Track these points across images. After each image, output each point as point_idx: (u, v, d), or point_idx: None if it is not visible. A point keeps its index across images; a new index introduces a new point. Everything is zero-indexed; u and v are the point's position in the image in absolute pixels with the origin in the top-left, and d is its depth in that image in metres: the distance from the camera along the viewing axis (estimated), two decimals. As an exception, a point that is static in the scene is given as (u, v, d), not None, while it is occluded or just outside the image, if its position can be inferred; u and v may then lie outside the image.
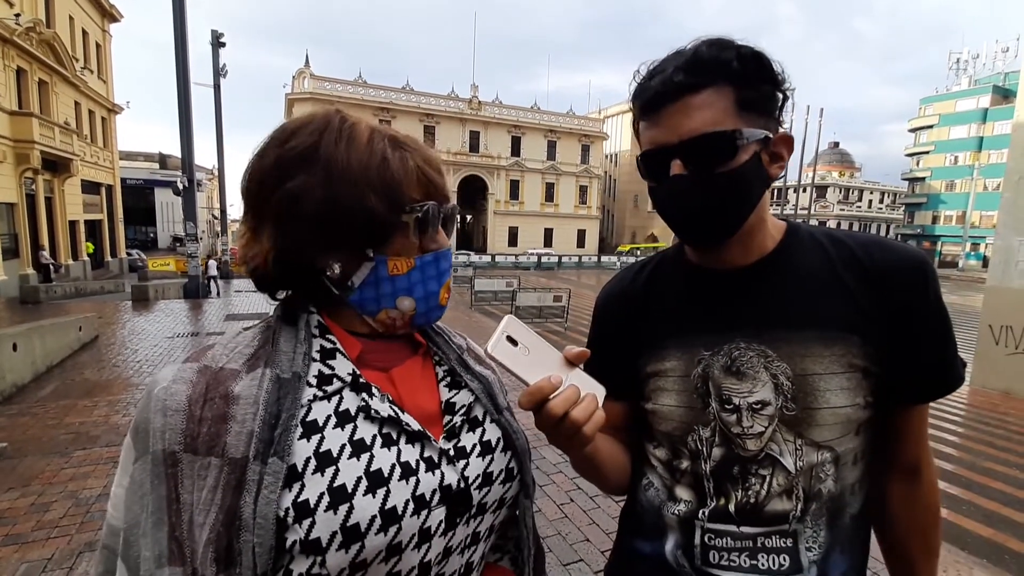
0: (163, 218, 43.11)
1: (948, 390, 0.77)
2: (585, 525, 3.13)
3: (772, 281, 0.77)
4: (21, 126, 16.26)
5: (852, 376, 0.72)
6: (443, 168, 0.70)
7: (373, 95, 38.66)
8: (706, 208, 0.73)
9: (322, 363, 0.62)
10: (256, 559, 0.52)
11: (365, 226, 0.62)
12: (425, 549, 0.60)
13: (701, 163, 0.70)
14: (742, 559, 0.74)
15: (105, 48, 25.66)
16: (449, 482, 0.63)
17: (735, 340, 0.76)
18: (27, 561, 2.66)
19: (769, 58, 0.70)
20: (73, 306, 12.73)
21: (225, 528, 0.53)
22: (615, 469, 0.86)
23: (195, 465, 0.54)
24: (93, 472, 3.70)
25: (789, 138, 0.74)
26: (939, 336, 0.75)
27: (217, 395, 0.57)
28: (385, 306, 0.66)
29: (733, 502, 0.75)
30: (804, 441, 0.73)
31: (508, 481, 0.71)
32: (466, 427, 0.70)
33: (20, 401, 5.49)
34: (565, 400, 0.60)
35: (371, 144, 0.63)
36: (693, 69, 0.69)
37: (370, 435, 0.61)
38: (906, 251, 0.76)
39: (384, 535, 0.56)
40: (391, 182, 0.62)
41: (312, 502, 0.54)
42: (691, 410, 0.78)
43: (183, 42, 13.51)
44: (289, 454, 0.55)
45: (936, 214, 56.89)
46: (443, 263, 0.69)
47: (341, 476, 0.57)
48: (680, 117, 0.69)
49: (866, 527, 0.81)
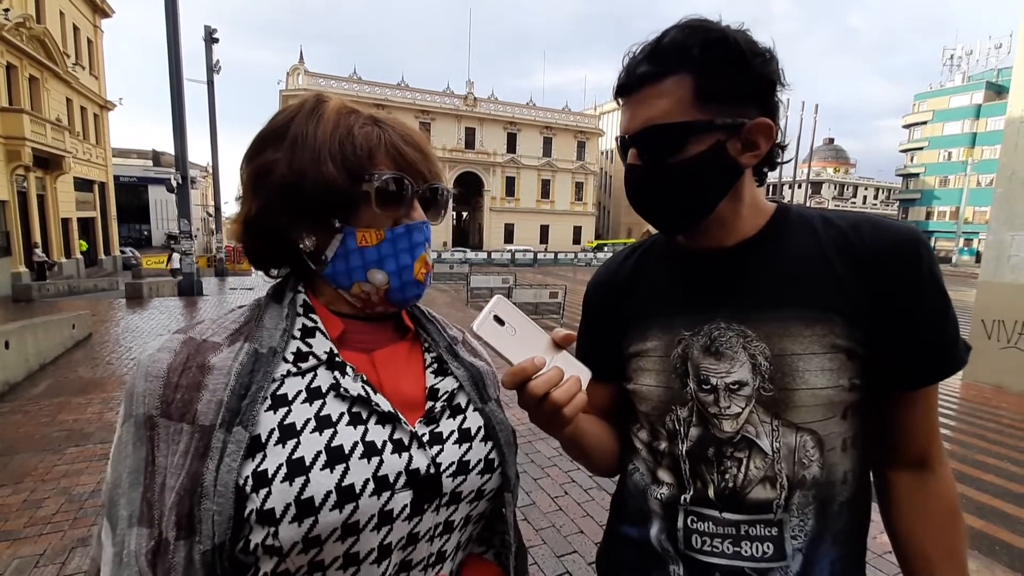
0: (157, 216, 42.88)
1: (944, 373, 0.73)
2: (579, 517, 3.14)
3: (755, 262, 0.76)
4: (12, 123, 16.11)
5: (835, 357, 0.70)
6: (430, 152, 0.70)
7: (368, 91, 38.48)
8: (659, 197, 0.75)
9: (301, 340, 0.64)
10: (215, 527, 0.53)
11: (325, 195, 0.62)
12: (386, 532, 0.60)
13: (651, 154, 0.72)
14: (725, 545, 0.74)
15: (97, 44, 25.45)
16: (417, 466, 0.62)
17: (715, 320, 0.76)
18: (19, 557, 2.65)
19: (742, 43, 0.68)
20: (66, 304, 12.64)
21: (187, 494, 0.54)
22: (602, 451, 0.87)
23: (169, 430, 0.57)
24: (86, 469, 3.69)
25: (766, 125, 0.71)
26: (934, 316, 0.71)
27: (195, 364, 0.59)
28: (356, 279, 0.66)
29: (712, 487, 0.74)
30: (781, 422, 0.71)
31: (487, 472, 0.69)
32: (447, 413, 0.69)
33: (13, 399, 5.46)
34: (546, 381, 0.61)
35: (339, 118, 0.64)
36: (654, 58, 0.70)
37: (337, 412, 0.61)
38: (897, 229, 0.73)
39: (339, 512, 0.56)
40: (352, 153, 0.63)
41: (270, 472, 0.55)
42: (669, 390, 0.78)
43: (176, 38, 13.40)
44: (254, 424, 0.57)
45: (930, 210, 57.24)
46: (416, 235, 0.67)
47: (301, 449, 0.57)
48: (637, 107, 0.72)
49: (861, 518, 0.78)
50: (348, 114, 0.65)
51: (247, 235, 0.68)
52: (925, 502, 0.76)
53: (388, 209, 0.65)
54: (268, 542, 0.54)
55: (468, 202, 46.63)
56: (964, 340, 0.74)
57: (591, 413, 0.86)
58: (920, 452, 0.76)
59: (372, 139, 0.64)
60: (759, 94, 0.71)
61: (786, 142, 0.78)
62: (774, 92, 0.72)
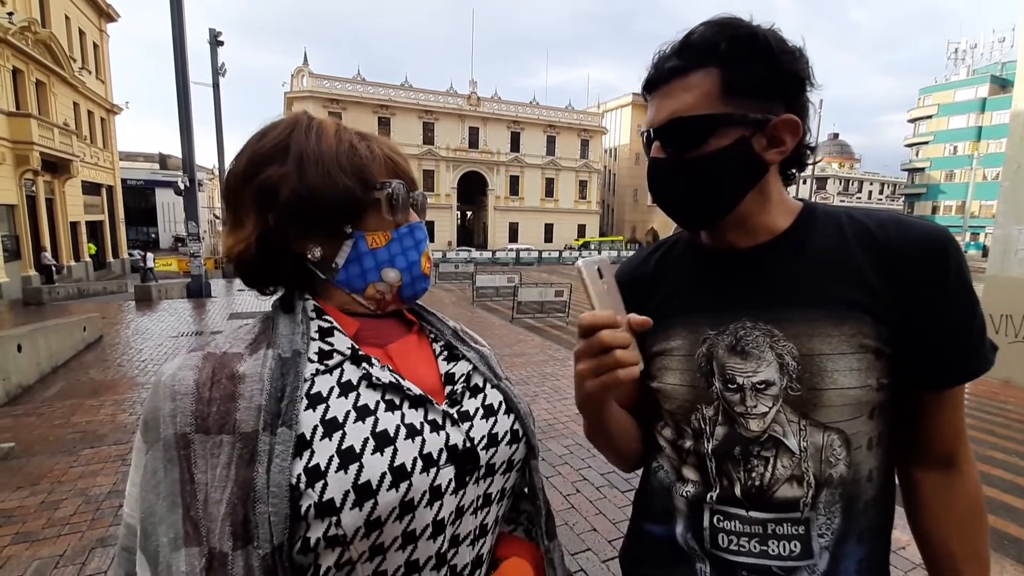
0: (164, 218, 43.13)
1: (971, 374, 0.72)
2: (592, 515, 3.14)
3: (781, 261, 0.76)
4: (19, 127, 16.26)
5: (863, 357, 0.70)
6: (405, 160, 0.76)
7: (372, 92, 38.52)
8: (682, 191, 0.76)
9: (321, 341, 0.66)
10: (272, 529, 0.53)
11: (341, 206, 0.67)
12: (438, 507, 0.63)
13: (675, 146, 0.73)
14: (752, 544, 0.73)
15: (103, 48, 25.60)
16: (455, 442, 0.66)
17: (741, 319, 0.75)
18: (39, 558, 2.68)
19: (770, 39, 0.68)
20: (76, 307, 12.75)
21: (240, 501, 0.55)
22: (626, 440, 0.88)
23: (207, 444, 0.57)
24: (102, 470, 3.72)
25: (793, 122, 0.71)
26: (960, 318, 0.71)
27: (224, 376, 0.60)
28: (372, 280, 0.71)
29: (738, 485, 0.74)
30: (809, 422, 0.71)
31: (514, 442, 0.73)
32: (467, 394, 0.73)
33: (26, 402, 5.52)
34: (621, 338, 0.65)
35: (338, 135, 0.70)
36: (683, 52, 0.71)
37: (373, 401, 0.64)
38: (925, 228, 0.72)
39: (396, 491, 0.59)
40: (360, 165, 0.68)
41: (323, 465, 0.57)
42: (694, 389, 0.78)
43: (181, 41, 13.47)
44: (297, 423, 0.58)
45: (936, 204, 56.81)
46: (418, 233, 0.75)
47: (348, 438, 0.59)
48: (664, 100, 0.73)
49: (886, 517, 0.78)
50: (343, 130, 0.71)
51: (258, 252, 0.67)
52: (951, 501, 0.76)
53: (395, 213, 0.71)
54: (331, 532, 0.56)
55: (472, 202, 46.61)
56: (991, 340, 0.74)
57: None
58: (947, 451, 0.76)
59: (370, 152, 0.70)
60: (786, 91, 0.71)
61: (815, 143, 0.78)
62: (802, 90, 0.72)
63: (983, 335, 0.73)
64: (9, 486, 3.46)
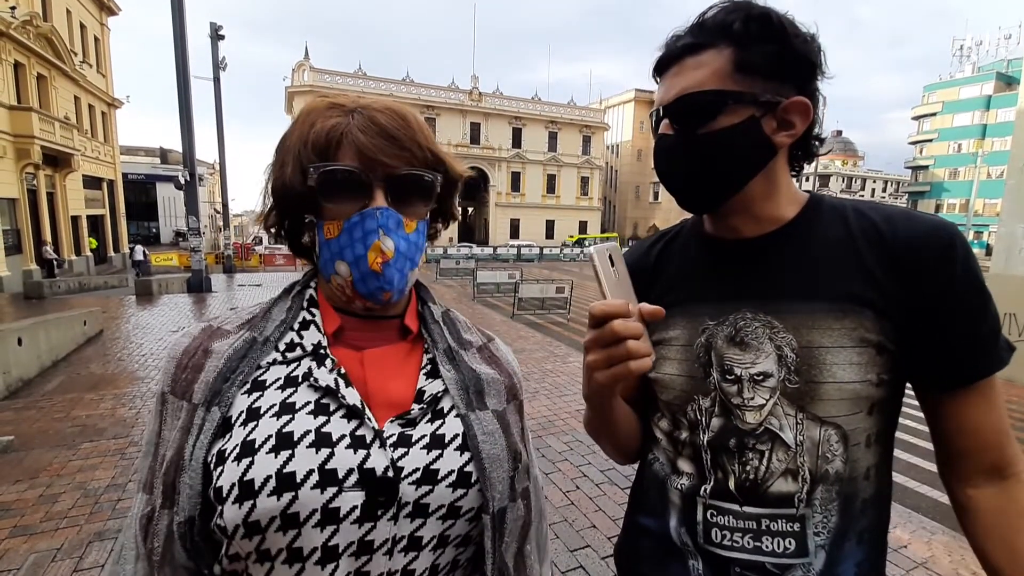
0: (165, 213, 43.12)
1: (982, 373, 0.69)
2: (591, 512, 3.14)
3: (784, 252, 0.75)
4: (21, 121, 16.22)
5: (864, 351, 0.68)
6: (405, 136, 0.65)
7: (373, 87, 38.44)
8: (688, 169, 0.74)
9: (296, 332, 0.67)
10: (188, 500, 0.57)
11: (290, 195, 0.66)
12: (331, 532, 0.57)
13: (684, 123, 0.72)
14: (745, 540, 0.72)
15: (104, 42, 25.55)
16: (373, 466, 0.59)
17: (741, 310, 0.75)
18: (36, 552, 2.68)
19: (783, 21, 0.68)
20: (77, 301, 12.76)
21: (172, 466, 0.59)
22: (627, 432, 0.86)
23: (174, 406, 0.62)
24: (101, 464, 3.72)
25: (803, 104, 0.70)
26: (970, 312, 0.68)
27: (201, 349, 0.64)
28: (330, 271, 0.68)
29: (733, 478, 0.73)
30: (806, 415, 0.70)
31: (461, 487, 0.62)
32: (427, 417, 0.66)
33: (26, 395, 5.52)
34: (633, 328, 0.63)
35: (308, 118, 0.66)
36: (696, 31, 0.71)
37: (303, 401, 0.61)
38: (932, 222, 0.70)
39: (277, 499, 0.55)
40: (306, 151, 0.64)
41: (227, 452, 0.57)
42: (692, 379, 0.77)
43: (182, 35, 13.43)
44: (229, 406, 0.60)
45: (939, 202, 56.68)
46: (368, 223, 0.63)
47: (256, 431, 0.58)
48: (675, 78, 0.72)
49: (884, 518, 0.75)
50: (320, 110, 0.66)
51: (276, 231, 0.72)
52: (1013, 515, 0.69)
53: (336, 201, 0.64)
54: (218, 521, 0.56)
55: (474, 197, 46.57)
56: (1006, 339, 0.71)
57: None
58: (994, 458, 0.70)
59: (327, 132, 0.63)
60: (798, 74, 0.70)
61: (824, 134, 0.77)
62: (814, 75, 0.71)
63: (995, 332, 0.70)
64: (8, 479, 3.47)
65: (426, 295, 0.78)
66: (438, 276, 18.99)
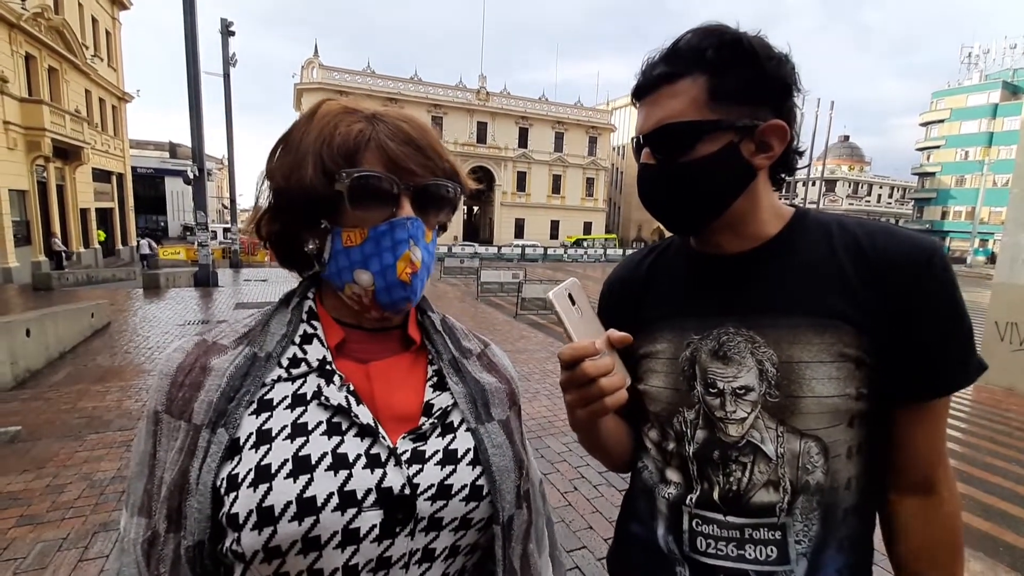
0: (174, 207, 43.31)
1: (946, 389, 0.71)
2: (588, 513, 3.17)
3: (767, 267, 0.76)
4: (31, 113, 16.36)
5: (843, 366, 0.70)
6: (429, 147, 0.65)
7: (381, 85, 38.52)
8: (671, 197, 0.76)
9: (299, 347, 0.65)
10: (196, 525, 0.55)
11: (306, 198, 0.62)
12: (351, 552, 0.57)
13: (664, 153, 0.73)
14: (729, 548, 0.74)
15: (115, 36, 25.70)
16: (390, 485, 0.59)
17: (725, 325, 0.76)
18: (42, 541, 2.72)
19: (755, 45, 0.69)
20: (85, 293, 12.86)
21: (177, 489, 0.57)
22: (617, 446, 0.89)
23: (170, 426, 0.60)
24: (107, 455, 3.77)
25: (780, 127, 0.71)
26: (943, 331, 0.69)
27: (199, 365, 0.62)
28: (346, 280, 0.65)
29: (717, 489, 0.75)
30: (786, 428, 0.72)
31: (474, 500, 0.63)
32: (437, 431, 0.66)
33: (34, 386, 5.58)
34: (602, 366, 0.65)
35: (327, 120, 0.63)
36: (670, 59, 0.71)
37: (315, 421, 0.60)
38: (913, 239, 0.71)
39: (298, 524, 0.54)
40: (330, 154, 0.61)
41: (240, 477, 0.56)
42: (677, 392, 0.79)
43: (193, 31, 13.49)
44: (236, 427, 0.58)
45: (945, 209, 56.32)
46: (399, 232, 0.63)
47: (271, 456, 0.57)
48: (652, 107, 0.73)
49: (867, 525, 0.77)
50: (339, 114, 0.64)
51: (260, 237, 0.70)
52: (928, 529, 0.74)
53: (365, 208, 0.62)
54: (234, 547, 0.55)
55: (479, 197, 46.46)
56: (980, 359, 0.72)
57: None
58: (925, 475, 0.74)
59: (353, 137, 0.62)
60: (773, 96, 0.71)
61: (803, 147, 0.78)
62: (789, 96, 0.72)
63: (967, 350, 0.71)
64: (15, 469, 3.51)
65: (424, 304, 0.77)
66: (442, 275, 19.02)
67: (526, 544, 0.72)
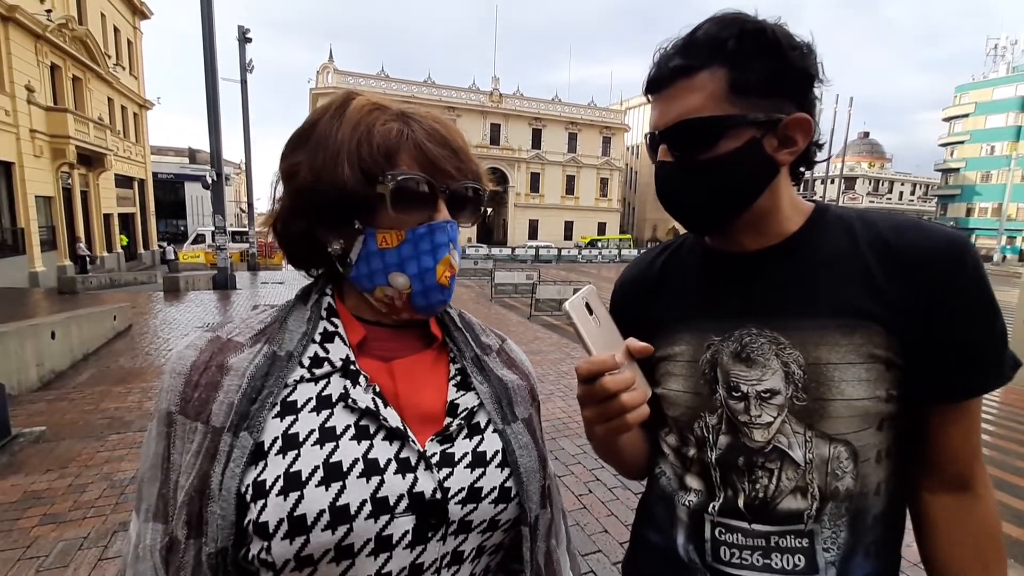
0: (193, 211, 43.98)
1: (982, 388, 0.68)
2: (603, 516, 3.14)
3: (789, 266, 0.73)
4: (57, 122, 16.77)
5: (872, 367, 0.67)
6: (461, 148, 0.65)
7: (395, 89, 38.75)
8: (691, 196, 0.73)
9: (319, 345, 0.62)
10: (219, 531, 0.53)
11: (341, 198, 0.60)
12: (384, 559, 0.55)
13: (683, 150, 0.70)
14: (755, 558, 0.71)
15: (136, 45, 26.27)
16: (422, 490, 0.57)
17: (746, 326, 0.73)
18: (64, 539, 2.77)
19: (779, 35, 0.65)
20: (108, 296, 13.12)
21: (197, 495, 0.54)
22: (633, 453, 0.86)
23: (186, 428, 0.56)
24: (127, 455, 3.83)
25: (804, 121, 0.68)
26: (978, 330, 0.67)
27: (215, 364, 0.59)
28: (379, 283, 0.63)
29: (742, 496, 0.72)
30: (815, 433, 0.68)
31: (502, 502, 0.62)
32: (464, 433, 0.64)
33: (58, 387, 5.71)
34: (622, 381, 0.62)
35: (361, 117, 0.61)
36: (687, 51, 0.67)
37: (343, 424, 0.58)
38: (942, 234, 0.68)
39: (332, 533, 0.53)
40: (369, 153, 0.59)
41: (268, 484, 0.53)
42: (698, 396, 0.76)
43: (211, 38, 13.72)
44: (260, 431, 0.55)
45: (970, 206, 55.02)
46: (439, 236, 0.62)
47: (300, 462, 0.55)
48: (670, 102, 0.69)
49: (896, 531, 0.74)
50: (371, 111, 0.62)
51: (276, 235, 0.68)
52: (965, 529, 0.71)
53: (406, 211, 0.61)
54: (262, 556, 0.53)
55: (493, 198, 46.56)
56: (1013, 355, 0.69)
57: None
58: (961, 473, 0.71)
59: (392, 137, 0.60)
60: (796, 88, 0.68)
61: (823, 139, 0.75)
62: (812, 87, 0.69)
63: (1002, 348, 0.68)
64: (39, 468, 3.59)
65: None
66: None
67: (548, 541, 0.71)
